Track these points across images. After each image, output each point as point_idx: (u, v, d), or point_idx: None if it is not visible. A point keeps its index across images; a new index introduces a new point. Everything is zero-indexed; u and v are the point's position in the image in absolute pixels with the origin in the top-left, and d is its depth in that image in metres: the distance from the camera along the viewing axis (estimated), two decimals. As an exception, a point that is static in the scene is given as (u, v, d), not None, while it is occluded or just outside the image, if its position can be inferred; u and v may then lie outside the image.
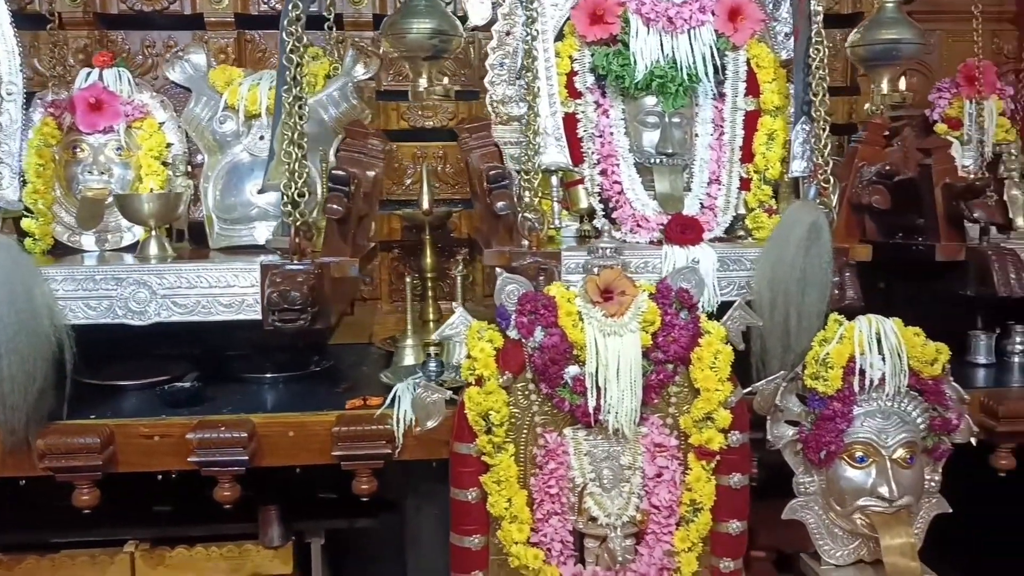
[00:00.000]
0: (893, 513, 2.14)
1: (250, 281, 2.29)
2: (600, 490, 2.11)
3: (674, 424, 2.15)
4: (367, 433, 2.27)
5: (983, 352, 2.82)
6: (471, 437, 2.08)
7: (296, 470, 2.37)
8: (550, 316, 2.06)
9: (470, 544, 2.12)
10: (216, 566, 2.77)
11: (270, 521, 2.75)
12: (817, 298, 2.31)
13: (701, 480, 2.12)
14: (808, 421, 2.19)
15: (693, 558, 2.12)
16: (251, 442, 2.27)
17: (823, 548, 2.26)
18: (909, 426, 2.18)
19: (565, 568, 2.10)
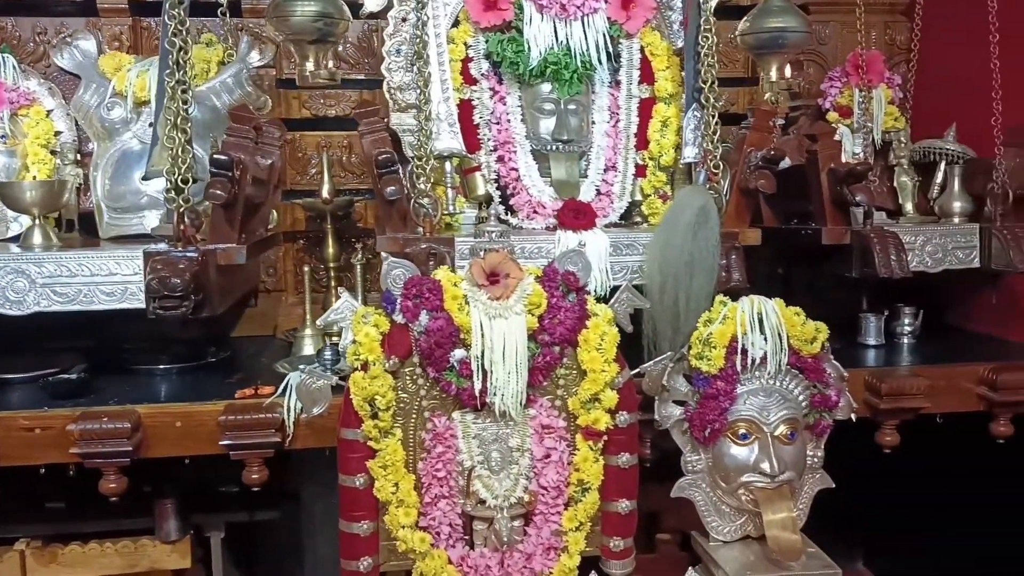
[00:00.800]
0: (775, 488, 2.19)
1: (133, 269, 2.25)
2: (488, 472, 2.12)
3: (562, 406, 2.17)
4: (255, 422, 2.24)
5: (872, 333, 2.90)
6: (357, 423, 2.07)
7: (185, 460, 2.33)
8: (435, 300, 2.06)
9: (358, 530, 2.11)
10: (111, 562, 2.72)
11: (166, 515, 2.71)
12: (705, 281, 2.36)
13: (588, 460, 2.14)
14: (694, 400, 2.23)
15: (581, 537, 2.14)
16: (136, 433, 2.23)
17: (711, 525, 2.30)
18: (790, 403, 2.23)
19: (453, 551, 2.10)
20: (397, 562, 2.15)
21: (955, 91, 3.07)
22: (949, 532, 3.31)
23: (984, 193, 2.76)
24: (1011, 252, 2.59)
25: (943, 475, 3.29)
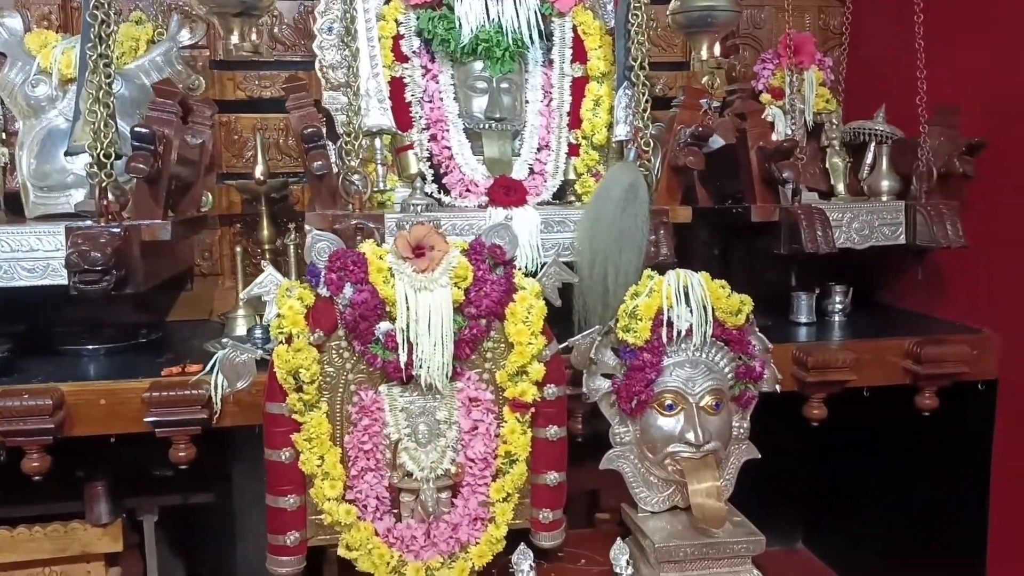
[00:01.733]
0: (700, 458, 2.22)
1: (55, 245, 2.21)
2: (415, 445, 2.13)
3: (490, 379, 2.18)
4: (181, 399, 2.22)
5: (804, 311, 2.95)
6: (282, 396, 2.07)
7: (111, 439, 2.30)
8: (360, 272, 2.05)
9: (285, 504, 2.10)
10: (40, 547, 2.67)
11: (96, 498, 2.67)
12: (634, 256, 2.38)
13: (516, 432, 2.16)
14: (621, 373, 2.25)
15: (508, 508, 2.15)
16: (59, 411, 2.20)
17: (639, 496, 2.33)
18: (716, 375, 2.26)
19: (380, 523, 2.10)
20: (325, 536, 2.15)
21: (885, 73, 3.13)
22: (883, 508, 3.37)
23: (911, 172, 2.81)
24: (934, 228, 2.64)
25: (875, 450, 3.36)
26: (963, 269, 2.89)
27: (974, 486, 2.86)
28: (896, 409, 2.84)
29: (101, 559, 2.75)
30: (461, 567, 2.10)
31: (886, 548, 3.37)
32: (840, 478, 3.62)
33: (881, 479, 3.35)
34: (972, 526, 2.88)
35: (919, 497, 3.15)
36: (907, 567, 3.23)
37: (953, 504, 2.99)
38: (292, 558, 2.12)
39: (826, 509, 3.75)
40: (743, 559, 2.24)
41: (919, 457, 3.11)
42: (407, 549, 2.09)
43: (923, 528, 3.14)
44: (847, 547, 3.65)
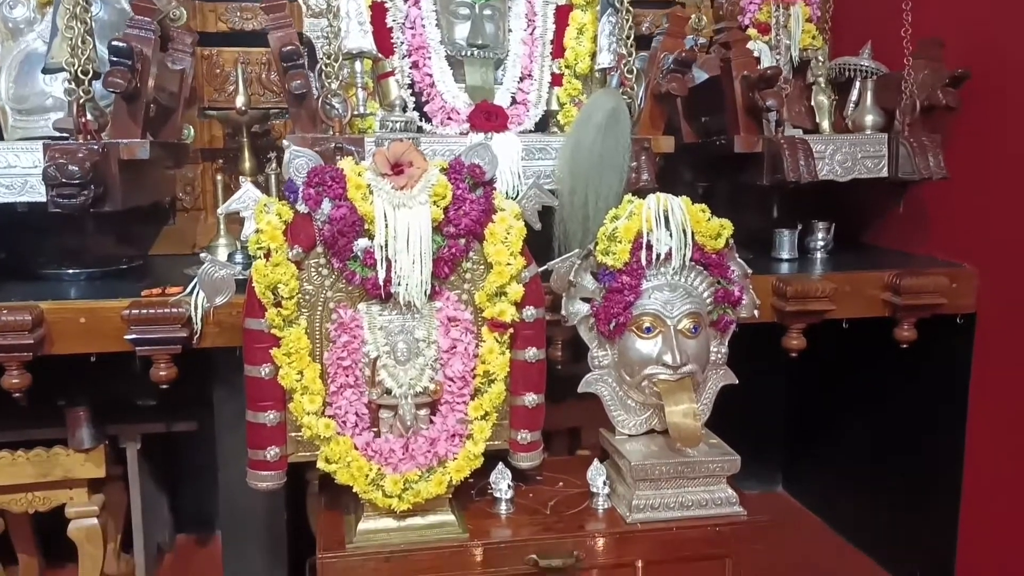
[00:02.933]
0: (677, 380, 2.24)
1: (33, 161, 2.21)
2: (394, 363, 2.13)
3: (469, 300, 2.18)
4: (161, 316, 2.23)
5: (786, 248, 2.97)
6: (260, 312, 2.07)
7: (92, 358, 2.30)
8: (338, 188, 2.05)
9: (265, 420, 2.11)
10: (22, 471, 2.70)
11: (78, 423, 2.68)
12: (615, 181, 2.38)
13: (494, 352, 2.16)
14: (600, 296, 2.26)
15: (486, 426, 2.17)
16: (38, 328, 2.21)
17: (617, 419, 2.34)
18: (694, 298, 2.27)
19: (359, 438, 2.12)
20: (305, 452, 2.16)
21: (872, 9, 3.12)
22: (861, 448, 3.42)
23: (895, 107, 2.81)
24: (916, 160, 2.65)
25: (853, 386, 3.40)
26: (944, 204, 2.90)
27: (951, 421, 2.90)
28: (875, 342, 2.86)
29: (84, 485, 2.78)
30: (439, 479, 2.11)
31: (864, 488, 3.42)
32: (818, 418, 3.66)
33: (859, 417, 3.39)
34: (948, 463, 2.92)
35: (896, 435, 3.19)
36: (884, 506, 3.28)
37: (930, 441, 3.03)
38: (272, 472, 2.13)
39: (804, 452, 3.80)
40: (718, 478, 2.27)
41: (897, 393, 3.14)
42: (385, 462, 2.11)
43: (900, 466, 3.19)
44: (826, 489, 3.70)
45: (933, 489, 3.01)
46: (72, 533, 2.79)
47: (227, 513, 2.67)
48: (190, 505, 3.48)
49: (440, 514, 2.18)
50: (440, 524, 2.17)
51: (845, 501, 3.54)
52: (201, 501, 3.46)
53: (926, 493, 3.05)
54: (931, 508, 3.02)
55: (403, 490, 2.10)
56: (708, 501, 2.26)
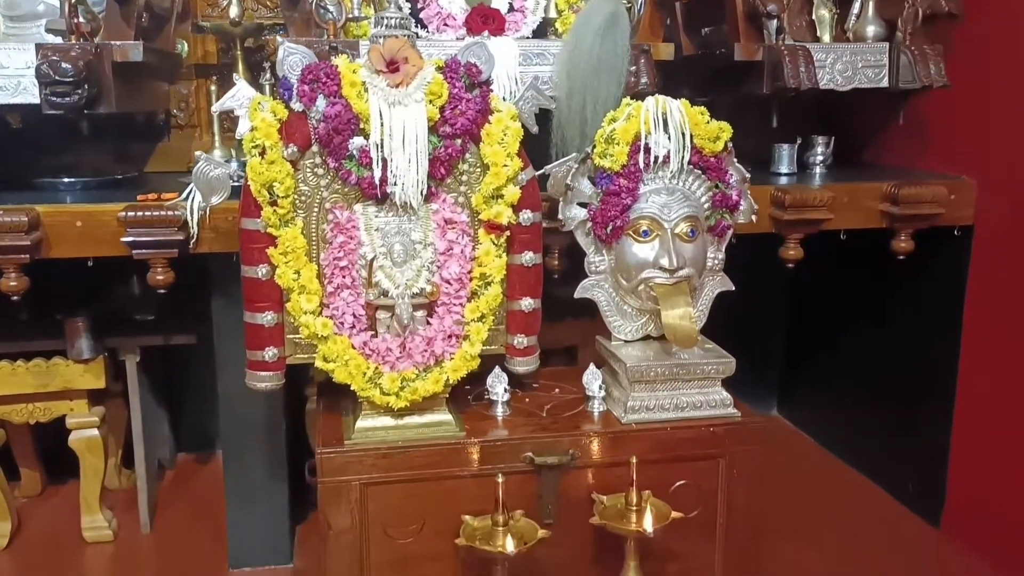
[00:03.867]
0: (674, 284, 2.24)
1: (25, 62, 2.18)
2: (390, 264, 2.14)
3: (465, 202, 2.17)
4: (157, 219, 2.22)
5: (785, 162, 2.95)
6: (256, 211, 2.06)
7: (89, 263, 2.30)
8: (333, 85, 2.03)
9: (262, 320, 2.11)
10: (22, 381, 2.71)
11: (77, 333, 2.69)
12: (613, 85, 2.36)
13: (491, 255, 2.16)
14: (597, 200, 2.25)
15: (483, 328, 2.17)
16: (35, 231, 2.21)
17: (613, 325, 2.35)
18: (691, 202, 2.26)
19: (356, 338, 2.13)
20: (303, 355, 2.18)
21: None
22: (855, 369, 3.44)
23: (896, 17, 2.77)
24: (917, 68, 2.62)
25: (849, 302, 3.41)
26: (944, 117, 2.88)
27: (946, 336, 2.91)
28: (871, 257, 2.87)
29: (84, 396, 2.80)
30: (436, 378, 2.13)
31: (858, 408, 3.45)
32: (814, 339, 3.68)
33: (854, 337, 3.41)
34: (942, 378, 2.94)
35: (891, 352, 3.21)
36: (878, 424, 3.31)
37: (924, 356, 3.05)
38: (271, 373, 2.15)
39: (799, 376, 3.83)
40: (713, 380, 2.28)
41: (893, 309, 3.16)
42: (383, 360, 2.12)
43: (894, 384, 3.21)
44: (820, 411, 3.74)
45: (927, 405, 3.03)
46: (73, 443, 2.81)
47: (227, 425, 2.69)
48: (191, 425, 3.52)
49: (437, 413, 2.20)
50: (437, 423, 2.19)
51: (839, 422, 3.57)
52: (201, 421, 3.50)
53: (920, 409, 3.08)
54: (924, 424, 3.05)
55: (400, 388, 2.12)
56: (703, 403, 2.28)
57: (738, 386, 2.34)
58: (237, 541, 2.74)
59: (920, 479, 3.08)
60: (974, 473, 2.86)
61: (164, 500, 3.18)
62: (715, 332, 2.41)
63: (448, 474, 2.16)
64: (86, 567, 2.78)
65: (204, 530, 2.95)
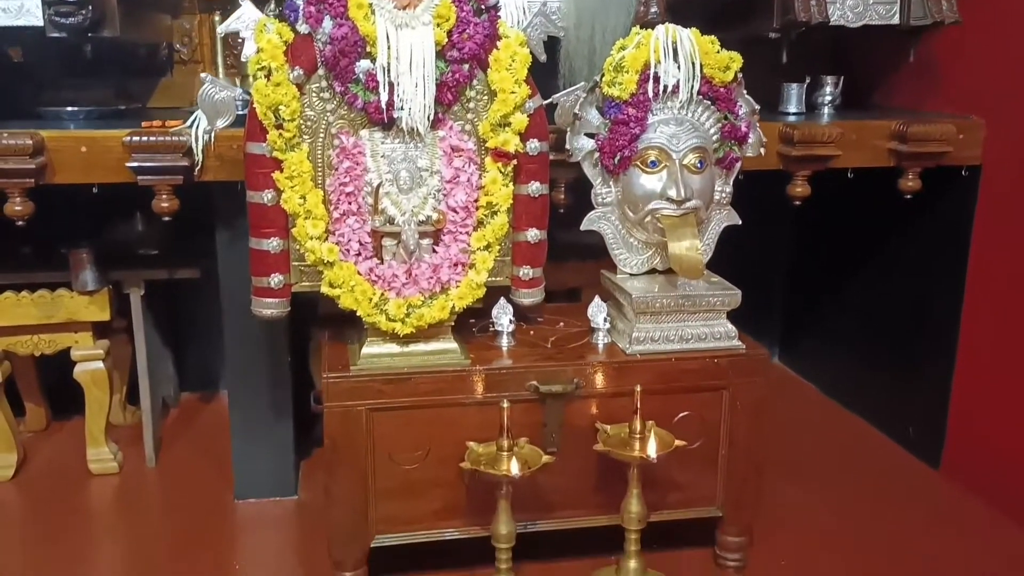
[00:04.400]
0: (681, 216, 2.23)
1: (28, -17, 2.16)
2: (396, 190, 2.13)
3: (472, 131, 2.16)
4: (162, 144, 2.22)
5: (794, 102, 2.93)
6: (262, 135, 2.05)
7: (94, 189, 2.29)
8: (339, 6, 2.00)
9: (268, 247, 2.11)
10: (27, 312, 2.72)
11: (81, 264, 2.69)
12: (622, 13, 2.35)
13: (497, 183, 2.15)
14: (605, 130, 2.24)
15: (489, 257, 2.17)
16: (40, 156, 2.20)
17: (619, 258, 2.35)
18: (700, 133, 2.25)
19: (362, 265, 2.12)
20: (308, 283, 2.17)
21: None
22: (858, 314, 3.44)
23: (910, -46, 2.74)
24: (929, 3, 2.59)
25: (854, 243, 3.40)
26: (954, 56, 2.85)
27: (950, 279, 2.91)
28: (877, 196, 2.86)
29: (89, 329, 2.81)
30: (441, 305, 2.13)
31: (859, 354, 3.46)
32: (817, 284, 3.68)
33: (858, 281, 3.41)
34: (945, 321, 2.94)
35: (894, 296, 3.21)
36: (879, 370, 3.32)
37: (927, 299, 3.05)
38: (276, 300, 2.15)
39: (801, 323, 3.83)
40: (718, 313, 2.29)
41: (897, 251, 3.15)
42: (388, 287, 2.12)
43: (896, 328, 3.22)
44: (821, 357, 3.75)
45: (929, 349, 3.04)
46: (78, 376, 2.82)
47: (233, 358, 2.69)
48: (195, 365, 3.53)
49: (443, 341, 2.21)
50: (442, 351, 2.20)
51: (841, 368, 3.58)
52: (205, 361, 3.51)
53: (921, 353, 3.08)
54: (926, 368, 3.06)
55: (406, 314, 2.12)
56: (707, 335, 2.28)
57: (741, 330, 2.34)
58: (242, 473, 2.76)
59: (920, 423, 3.09)
60: (974, 416, 2.87)
61: (168, 437, 3.20)
62: (720, 273, 2.40)
63: (453, 401, 2.17)
64: (92, 498, 2.80)
65: (209, 464, 2.98)
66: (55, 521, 2.65)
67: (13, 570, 2.44)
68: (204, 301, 3.13)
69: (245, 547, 2.56)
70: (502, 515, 2.11)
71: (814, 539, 2.60)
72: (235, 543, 2.58)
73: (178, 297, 3.27)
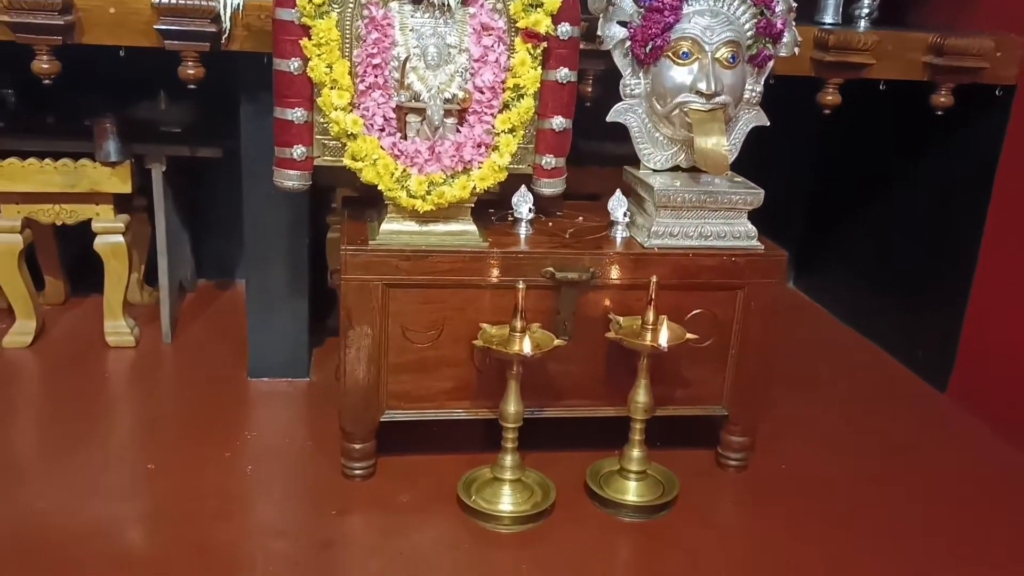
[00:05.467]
0: (710, 111, 2.21)
1: None
2: (423, 66, 2.11)
3: (503, 10, 2.13)
4: (190, 8, 2.19)
5: (831, 11, 2.88)
6: (292, 1, 2.02)
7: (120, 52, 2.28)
8: None
9: (292, 117, 2.10)
10: (50, 180, 2.73)
11: (105, 134, 2.70)
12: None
13: (526, 65, 2.13)
14: (639, 18, 2.20)
15: (513, 141, 2.16)
16: (68, 13, 2.18)
17: (644, 152, 2.33)
18: (735, 27, 2.21)
19: (386, 140, 2.12)
20: (331, 157, 2.17)
21: None
22: (876, 238, 3.43)
23: None
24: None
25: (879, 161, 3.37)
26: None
27: (973, 202, 2.88)
28: (907, 113, 2.82)
29: (110, 201, 2.82)
30: (463, 184, 2.13)
31: (874, 280, 3.45)
32: (834, 208, 3.66)
33: (879, 202, 3.38)
34: (964, 245, 2.93)
35: (915, 218, 3.18)
36: (893, 295, 3.31)
37: (948, 223, 3.03)
38: (298, 172, 2.15)
39: (818, 249, 3.82)
40: (740, 212, 2.28)
41: (922, 171, 3.12)
42: (411, 163, 2.12)
43: (914, 253, 3.20)
44: (836, 282, 3.74)
45: (946, 273, 3.03)
46: (98, 247, 2.85)
47: (251, 238, 2.71)
48: (213, 254, 3.56)
49: (462, 223, 2.21)
50: (461, 232, 2.21)
51: (854, 293, 3.58)
52: (224, 252, 3.53)
53: (938, 278, 3.07)
54: (940, 292, 3.05)
55: (427, 192, 2.12)
56: (727, 233, 2.28)
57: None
58: (257, 352, 2.80)
59: (930, 346, 3.10)
60: (987, 341, 2.87)
61: (185, 318, 3.24)
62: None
63: (469, 282, 2.18)
64: (108, 368, 2.86)
65: (224, 344, 3.02)
66: (71, 388, 2.71)
67: (29, 434, 2.50)
68: (224, 188, 3.14)
69: (257, 419, 2.62)
70: (511, 395, 2.14)
71: (816, 448, 2.64)
72: (247, 415, 2.63)
73: (199, 180, 3.28)
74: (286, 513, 2.19)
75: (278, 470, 2.37)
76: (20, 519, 2.07)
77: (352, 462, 2.29)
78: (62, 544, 1.99)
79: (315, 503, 2.22)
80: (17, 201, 2.77)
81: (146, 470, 2.31)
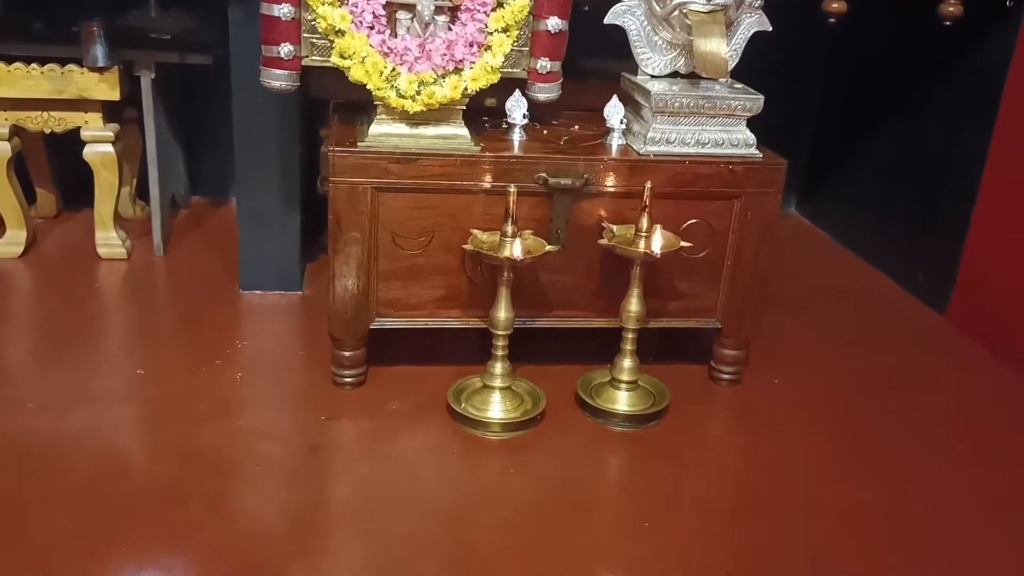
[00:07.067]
0: (710, 12, 2.14)
1: None
2: (414, -40, 2.04)
3: (498, -97, 2.05)
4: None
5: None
6: None
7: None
8: None
9: (279, 13, 2.04)
10: (37, 85, 2.68)
11: (92, 39, 2.63)
12: None
13: (521, -39, 2.06)
14: (639, -86, 2.12)
15: (506, 40, 2.09)
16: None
17: (642, 57, 2.27)
18: (737, -75, 2.13)
19: (375, 37, 2.05)
20: (319, 57, 2.11)
21: None
22: (880, 162, 3.37)
23: None
24: None
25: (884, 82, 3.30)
26: None
27: (978, 123, 2.82)
28: (914, 31, 2.74)
29: (99, 109, 2.77)
30: (454, 84, 2.07)
31: (876, 205, 3.40)
32: (840, 134, 3.59)
33: (884, 123, 3.32)
34: (967, 166, 2.87)
35: (918, 141, 3.13)
36: (894, 219, 3.27)
37: (951, 145, 2.97)
38: (286, 72, 2.09)
39: (821, 175, 3.76)
40: (738, 119, 2.22)
41: (925, 92, 3.06)
42: (401, 60, 2.06)
43: (917, 175, 3.15)
44: (839, 208, 3.69)
45: (949, 195, 2.98)
46: (88, 157, 2.81)
47: (242, 149, 2.66)
48: (206, 171, 3.51)
49: (453, 126, 2.16)
50: (452, 135, 2.16)
51: (856, 217, 3.54)
52: (216, 169, 3.48)
53: (940, 200, 3.02)
54: (942, 215, 3.01)
55: (417, 92, 2.07)
56: (725, 140, 2.23)
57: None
58: (249, 265, 2.78)
59: (931, 269, 3.06)
60: (987, 264, 2.83)
61: (178, 233, 3.21)
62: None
63: (460, 187, 2.14)
64: (99, 279, 2.84)
65: (216, 257, 3.00)
66: (61, 297, 2.69)
67: (19, 341, 2.48)
68: (218, 105, 3.07)
69: (248, 328, 2.60)
70: (502, 301, 2.12)
71: (809, 364, 2.62)
72: (238, 325, 2.62)
73: (192, 96, 3.23)
74: (275, 418, 2.19)
75: (268, 378, 2.36)
76: (11, 421, 2.07)
77: (342, 369, 2.28)
78: (54, 445, 1.99)
79: (304, 409, 2.22)
80: (4, 108, 2.72)
81: (136, 375, 2.30)
